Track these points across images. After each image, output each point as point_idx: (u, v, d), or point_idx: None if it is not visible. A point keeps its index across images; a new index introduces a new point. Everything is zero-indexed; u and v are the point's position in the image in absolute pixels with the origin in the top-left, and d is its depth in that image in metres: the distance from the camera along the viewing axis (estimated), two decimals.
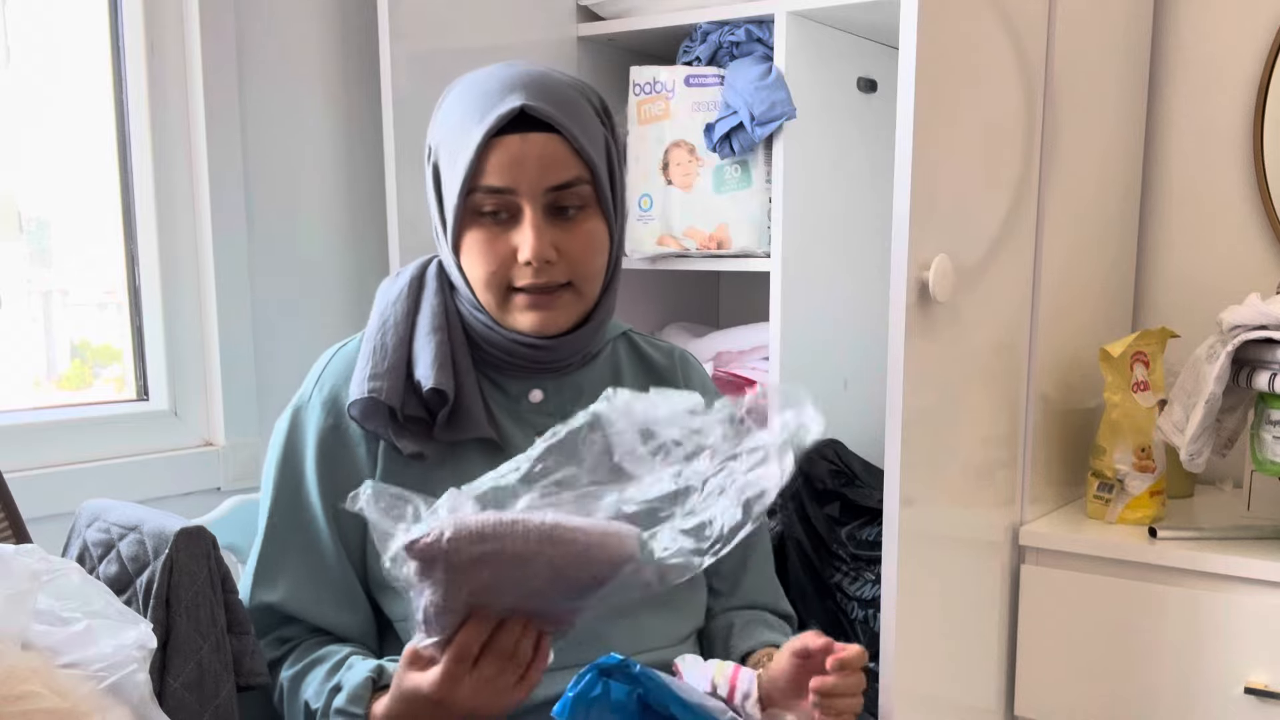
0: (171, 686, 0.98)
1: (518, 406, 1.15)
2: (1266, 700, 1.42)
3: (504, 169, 1.04)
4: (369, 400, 1.07)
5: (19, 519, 1.10)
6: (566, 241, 1.07)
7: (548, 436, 0.93)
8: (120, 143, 1.67)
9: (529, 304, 1.08)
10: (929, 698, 1.46)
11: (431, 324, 1.10)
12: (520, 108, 1.03)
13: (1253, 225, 1.86)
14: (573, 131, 1.05)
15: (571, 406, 1.13)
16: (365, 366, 1.09)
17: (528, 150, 1.04)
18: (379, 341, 1.10)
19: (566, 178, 1.06)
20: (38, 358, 1.68)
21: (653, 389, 1.22)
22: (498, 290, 1.08)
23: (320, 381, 1.14)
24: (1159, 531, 1.52)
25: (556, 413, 1.14)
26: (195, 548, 1.01)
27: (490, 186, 1.05)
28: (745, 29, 1.79)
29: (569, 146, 1.06)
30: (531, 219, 1.05)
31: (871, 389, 1.87)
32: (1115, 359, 1.57)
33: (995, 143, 1.47)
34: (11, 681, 0.78)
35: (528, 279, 1.07)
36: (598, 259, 1.10)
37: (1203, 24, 1.87)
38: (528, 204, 1.05)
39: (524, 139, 1.04)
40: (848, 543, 1.75)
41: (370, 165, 1.86)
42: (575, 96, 1.08)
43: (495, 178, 1.04)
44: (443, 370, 1.07)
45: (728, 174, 1.80)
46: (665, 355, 1.26)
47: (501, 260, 1.07)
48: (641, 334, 1.28)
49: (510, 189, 1.05)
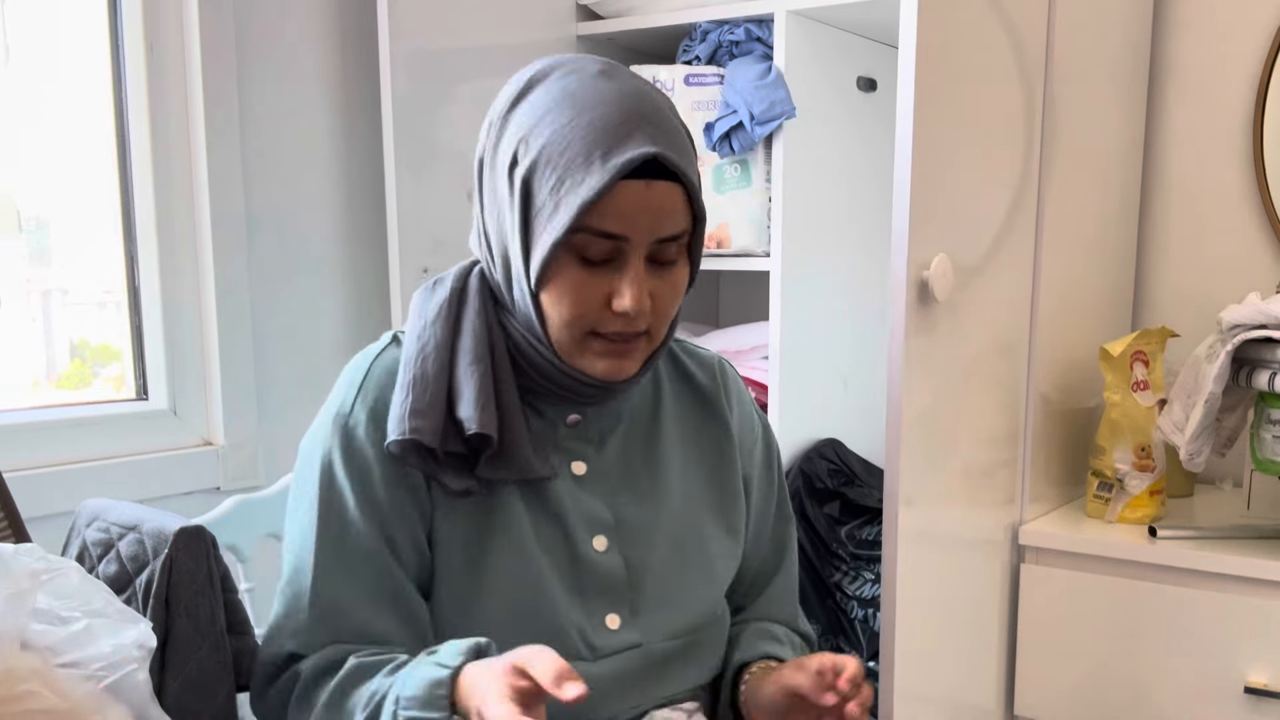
0: (171, 686, 0.98)
1: (554, 431, 1.08)
2: (1266, 700, 1.42)
3: (623, 217, 0.95)
4: (410, 441, 0.99)
5: (19, 519, 1.10)
6: (659, 289, 1.00)
7: None
8: (120, 142, 1.67)
9: (607, 351, 1.00)
10: (929, 698, 1.46)
11: (474, 353, 1.02)
12: (654, 155, 0.94)
13: (1253, 225, 1.86)
14: (694, 184, 0.99)
15: (611, 434, 1.09)
16: (404, 400, 1.00)
17: (653, 200, 0.95)
18: (419, 371, 1.01)
19: (678, 230, 0.99)
20: (37, 357, 1.68)
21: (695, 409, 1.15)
22: (579, 332, 1.00)
23: (364, 390, 1.04)
24: (1159, 531, 1.52)
25: (595, 438, 1.08)
26: (195, 547, 1.01)
27: (605, 231, 0.95)
28: (745, 28, 1.79)
29: (686, 197, 0.99)
30: (635, 268, 0.97)
31: (871, 389, 1.88)
32: (1115, 358, 1.57)
33: (995, 143, 1.47)
34: (11, 681, 0.78)
35: (618, 327, 0.99)
36: (677, 305, 1.04)
37: (1203, 24, 1.87)
38: (635, 253, 0.97)
39: (649, 187, 0.95)
40: (848, 542, 1.75)
41: (370, 165, 1.86)
42: (682, 130, 1.01)
43: (613, 224, 0.95)
44: (485, 411, 0.99)
45: (727, 173, 1.80)
46: (707, 373, 1.19)
47: (591, 305, 0.98)
48: (682, 341, 1.21)
49: (624, 236, 0.96)
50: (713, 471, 1.14)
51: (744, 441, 1.17)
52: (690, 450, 1.14)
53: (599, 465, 1.08)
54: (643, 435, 1.11)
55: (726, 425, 1.16)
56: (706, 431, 1.15)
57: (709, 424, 1.16)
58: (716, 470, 1.14)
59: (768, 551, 1.21)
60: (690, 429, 1.14)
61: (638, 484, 1.09)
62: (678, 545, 1.09)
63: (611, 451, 1.09)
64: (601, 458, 1.08)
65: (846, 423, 1.91)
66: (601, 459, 1.08)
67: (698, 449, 1.14)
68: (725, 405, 1.17)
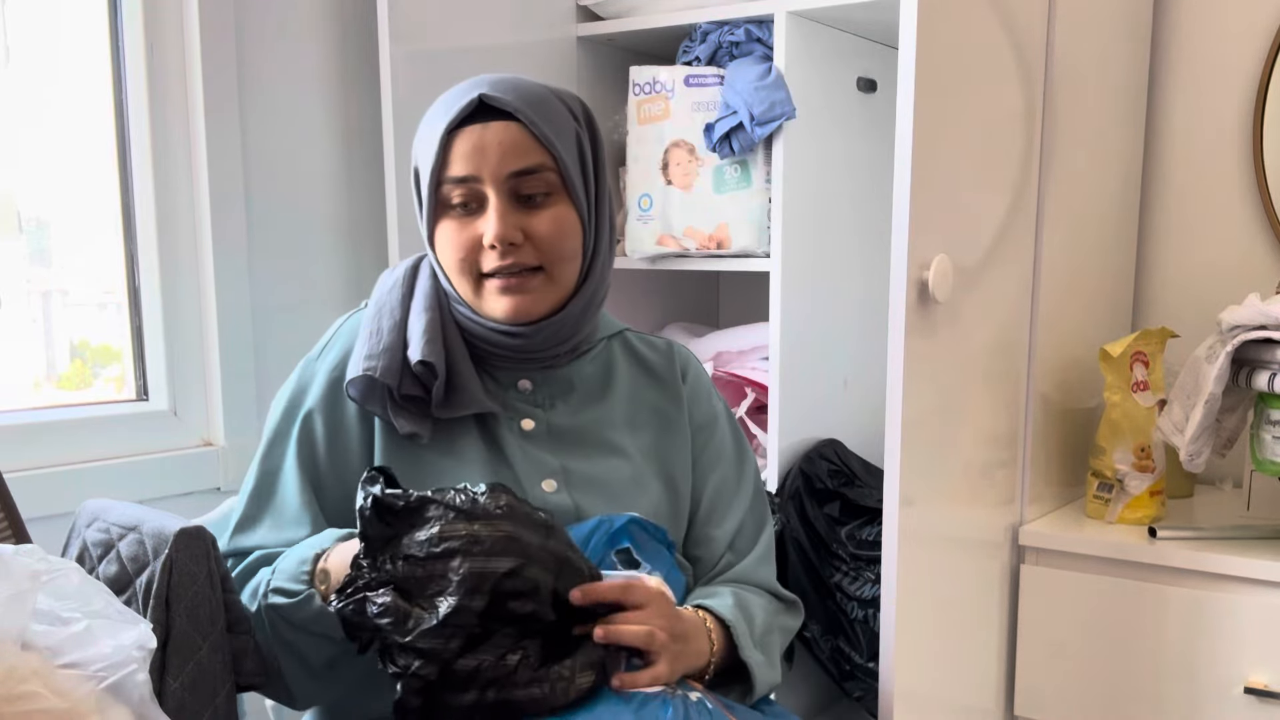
0: (171, 686, 0.98)
1: (507, 394, 1.17)
2: (1266, 700, 1.42)
3: (466, 157, 1.08)
4: (366, 378, 1.10)
5: (19, 519, 1.10)
6: (532, 225, 1.10)
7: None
8: (120, 142, 1.67)
9: (500, 289, 1.11)
10: (929, 698, 1.46)
11: (424, 304, 1.14)
12: (479, 98, 1.08)
13: (1253, 225, 1.86)
14: (531, 118, 1.09)
15: (561, 399, 1.18)
16: (363, 347, 1.12)
17: (487, 138, 1.08)
18: (375, 325, 1.14)
19: (528, 164, 1.09)
20: (38, 358, 1.68)
21: (649, 389, 1.24)
22: (470, 277, 1.12)
23: (329, 344, 1.18)
24: (1159, 531, 1.52)
25: (545, 403, 1.17)
26: (195, 548, 1.01)
27: (455, 176, 1.09)
28: (745, 29, 1.79)
29: (529, 133, 1.09)
30: (495, 204, 1.09)
31: (871, 389, 1.88)
32: (1115, 359, 1.57)
33: (995, 143, 1.47)
34: (11, 681, 0.78)
35: (494, 262, 1.10)
36: (567, 243, 1.12)
37: (1203, 24, 1.87)
38: (491, 190, 1.09)
39: (484, 127, 1.08)
40: (848, 542, 1.75)
41: (370, 165, 1.86)
42: (542, 92, 1.12)
43: (459, 167, 1.09)
44: (431, 344, 1.11)
45: (727, 174, 1.80)
46: (661, 354, 1.27)
47: (468, 247, 1.10)
48: (638, 333, 1.29)
49: (473, 176, 1.09)
50: (659, 435, 1.22)
51: (695, 413, 1.25)
52: (640, 419, 1.22)
53: (548, 424, 1.17)
54: (593, 402, 1.20)
55: (677, 396, 1.24)
56: (656, 402, 1.23)
57: (659, 395, 1.24)
58: (663, 436, 1.22)
59: (739, 542, 1.24)
60: (641, 402, 1.23)
61: (585, 444, 1.17)
62: (617, 497, 1.16)
63: (560, 414, 1.18)
64: (550, 417, 1.17)
65: (846, 423, 1.91)
66: (550, 418, 1.17)
67: (647, 417, 1.22)
68: (677, 378, 1.26)
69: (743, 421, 1.88)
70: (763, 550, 1.25)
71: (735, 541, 1.23)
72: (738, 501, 1.25)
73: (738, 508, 1.24)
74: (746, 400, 1.88)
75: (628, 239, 1.89)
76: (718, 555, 1.22)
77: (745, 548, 1.24)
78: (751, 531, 1.25)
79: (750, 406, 1.88)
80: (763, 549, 1.25)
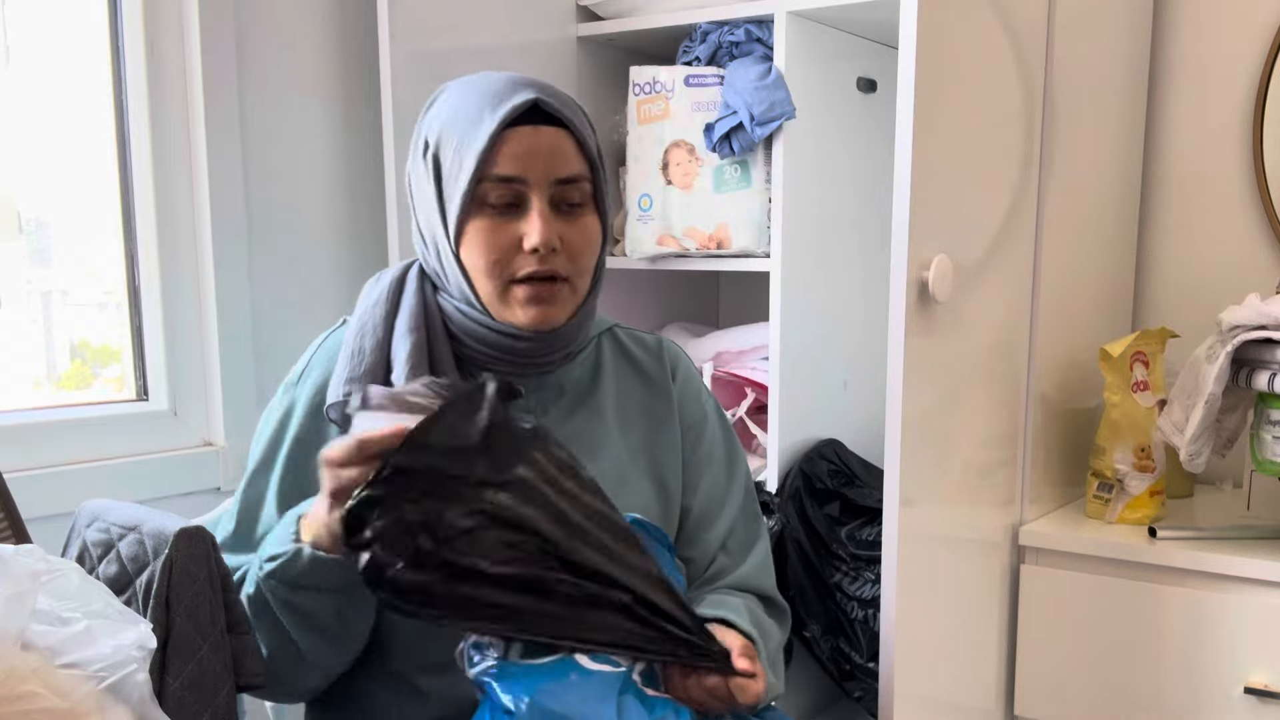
0: (171, 686, 0.98)
1: None
2: (1266, 700, 1.42)
3: (516, 159, 1.06)
4: (344, 403, 1.08)
5: (19, 519, 1.10)
6: (569, 234, 1.09)
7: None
8: (120, 143, 1.67)
9: (529, 296, 1.09)
10: (929, 698, 1.46)
11: (409, 324, 1.12)
12: (534, 100, 1.07)
13: (1253, 225, 1.86)
14: (580, 130, 1.09)
15: (553, 405, 1.17)
16: (343, 369, 1.11)
17: (540, 142, 1.07)
18: (357, 345, 1.12)
19: (573, 172, 1.09)
20: (38, 358, 1.68)
21: (639, 387, 1.24)
22: (498, 280, 1.09)
23: (309, 368, 1.17)
24: (1159, 531, 1.52)
25: (536, 410, 1.16)
26: (195, 548, 1.01)
27: (502, 176, 1.06)
28: (745, 29, 1.79)
29: (575, 143, 1.09)
30: (539, 208, 1.07)
31: (871, 389, 1.87)
32: (1115, 359, 1.57)
33: (995, 143, 1.47)
34: (11, 681, 0.78)
35: (532, 267, 1.08)
36: (593, 255, 1.13)
37: (1203, 24, 1.87)
38: (535, 194, 1.07)
39: (536, 131, 1.07)
40: (848, 543, 1.75)
41: (370, 165, 1.86)
42: (575, 102, 1.13)
43: (508, 167, 1.06)
44: (416, 371, 1.09)
45: (727, 174, 1.80)
46: (651, 352, 1.26)
47: (505, 249, 1.08)
48: (627, 328, 1.29)
49: (520, 179, 1.07)
50: (648, 435, 1.21)
51: (685, 412, 1.24)
52: (629, 417, 1.21)
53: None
54: (582, 406, 1.19)
55: (667, 394, 1.23)
56: (645, 400, 1.23)
57: (649, 394, 1.23)
58: (653, 435, 1.21)
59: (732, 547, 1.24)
60: (630, 400, 1.22)
61: (576, 448, 1.14)
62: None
63: (552, 420, 1.16)
64: (541, 424, 1.15)
65: (846, 423, 1.91)
66: (541, 423, 1.15)
67: (636, 415, 1.21)
68: (667, 377, 1.24)
69: (743, 421, 1.88)
70: (761, 555, 1.24)
71: (728, 543, 1.23)
72: (729, 502, 1.24)
73: (729, 509, 1.24)
74: (746, 400, 1.88)
75: (628, 239, 1.89)
76: (710, 557, 1.22)
77: (738, 549, 1.23)
78: (744, 533, 1.24)
79: (750, 406, 1.88)
80: (760, 554, 1.24)
